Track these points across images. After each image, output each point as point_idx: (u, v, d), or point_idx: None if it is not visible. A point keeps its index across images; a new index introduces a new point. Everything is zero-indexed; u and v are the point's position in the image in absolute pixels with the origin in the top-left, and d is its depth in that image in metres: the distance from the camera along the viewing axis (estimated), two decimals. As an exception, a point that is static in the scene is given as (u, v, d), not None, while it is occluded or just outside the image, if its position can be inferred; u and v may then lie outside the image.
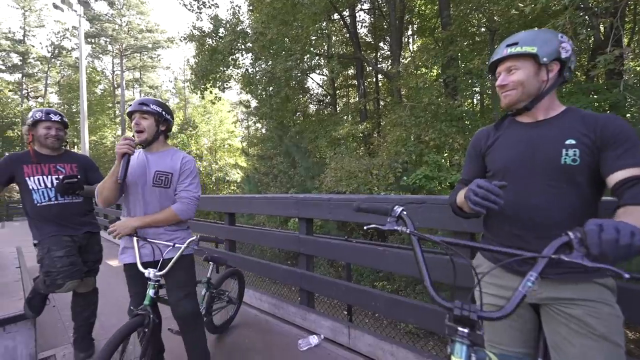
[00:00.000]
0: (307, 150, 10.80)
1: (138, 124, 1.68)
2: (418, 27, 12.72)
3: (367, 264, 2.94)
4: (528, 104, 1.04)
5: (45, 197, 2.04)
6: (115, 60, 26.89)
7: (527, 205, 1.01)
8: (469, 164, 1.24)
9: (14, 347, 1.98)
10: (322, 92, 15.09)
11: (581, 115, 1.00)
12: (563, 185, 0.95)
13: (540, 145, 1.00)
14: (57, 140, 2.10)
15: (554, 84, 1.02)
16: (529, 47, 0.99)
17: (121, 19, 25.54)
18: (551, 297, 0.98)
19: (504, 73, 1.06)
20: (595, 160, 0.94)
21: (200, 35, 11.32)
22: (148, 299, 1.62)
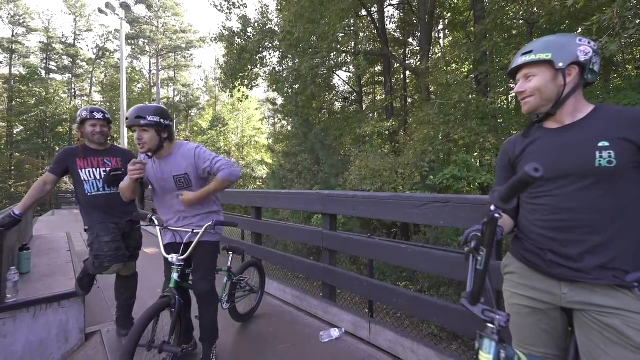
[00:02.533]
0: (332, 148, 10.85)
1: (140, 138, 1.77)
2: (449, 21, 12.30)
3: (390, 262, 2.94)
4: (550, 109, 1.03)
5: (95, 188, 2.25)
6: (152, 60, 28.39)
7: (563, 209, 0.98)
8: (501, 174, 1.23)
9: (67, 321, 2.22)
10: (348, 89, 15.04)
11: (613, 113, 0.96)
12: (600, 188, 0.92)
13: (572, 149, 0.97)
14: (102, 135, 2.31)
15: (575, 87, 1.01)
16: (543, 54, 1.00)
17: (158, 20, 26.92)
18: (584, 302, 0.95)
19: (522, 80, 1.07)
20: (638, 159, 0.90)
21: (230, 35, 11.68)
22: (172, 282, 1.77)
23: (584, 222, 0.95)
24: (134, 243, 2.44)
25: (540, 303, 1.05)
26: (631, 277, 0.89)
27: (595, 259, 0.93)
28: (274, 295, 3.25)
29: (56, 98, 23.99)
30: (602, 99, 5.75)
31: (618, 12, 3.83)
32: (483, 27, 7.36)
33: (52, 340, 2.15)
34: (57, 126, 24.03)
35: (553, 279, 1.00)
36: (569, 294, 0.98)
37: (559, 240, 0.99)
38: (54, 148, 23.48)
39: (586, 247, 0.94)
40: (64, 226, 8.30)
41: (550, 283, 1.01)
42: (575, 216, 0.96)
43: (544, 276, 1.03)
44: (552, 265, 1.00)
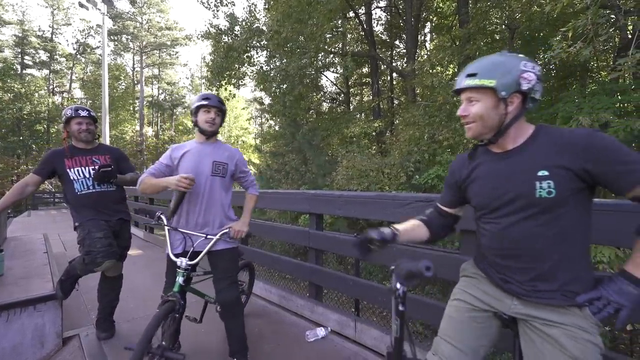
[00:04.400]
0: (320, 148, 10.87)
1: (214, 119, 1.86)
2: (435, 24, 12.54)
3: (375, 260, 2.97)
4: (492, 138, 1.01)
5: (85, 187, 2.23)
6: (135, 57, 27.69)
7: (507, 238, 1.00)
8: (446, 191, 1.24)
9: (43, 325, 2.13)
10: (336, 90, 15.11)
11: (552, 138, 0.94)
12: (542, 217, 0.93)
13: (514, 179, 0.97)
14: (88, 133, 2.28)
15: (516, 115, 0.97)
16: (487, 80, 0.95)
17: (142, 16, 26.27)
18: (528, 314, 0.98)
19: (465, 103, 1.02)
20: (578, 185, 0.90)
21: (217, 33, 11.54)
22: (177, 286, 1.70)
23: (529, 251, 0.96)
24: (124, 243, 2.39)
25: (486, 305, 1.07)
26: (582, 298, 0.91)
27: (545, 284, 0.95)
28: (260, 296, 3.23)
29: (35, 95, 23.07)
30: (579, 102, 5.99)
31: (592, 19, 4.01)
32: (467, 31, 7.54)
33: (26, 345, 2.07)
34: (35, 124, 23.11)
35: (506, 292, 1.03)
36: (518, 306, 1.00)
37: (508, 267, 1.01)
38: (31, 147, 22.56)
39: (534, 274, 0.96)
40: (41, 227, 7.98)
41: (503, 294, 1.04)
42: (519, 245, 0.97)
43: (496, 287, 1.06)
44: (504, 282, 1.02)
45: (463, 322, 1.09)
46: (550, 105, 8.11)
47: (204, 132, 1.88)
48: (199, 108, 1.85)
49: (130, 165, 2.48)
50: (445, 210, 1.24)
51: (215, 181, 1.87)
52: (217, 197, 1.89)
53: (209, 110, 1.85)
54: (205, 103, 1.84)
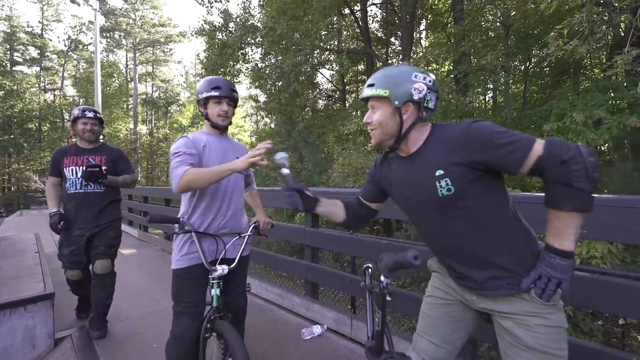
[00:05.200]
0: (316, 146, 10.84)
1: (226, 111, 1.61)
2: (430, 22, 12.53)
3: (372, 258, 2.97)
4: (393, 144, 1.05)
5: (74, 186, 2.32)
6: (128, 54, 27.34)
7: (433, 236, 1.04)
8: (367, 185, 1.27)
9: (34, 326, 2.09)
10: (332, 87, 15.06)
11: (443, 137, 0.98)
12: (454, 214, 0.95)
13: (417, 183, 1.01)
14: (92, 133, 2.39)
15: (413, 123, 1.01)
16: (382, 90, 1.00)
17: (135, 13, 25.92)
18: (489, 308, 1.00)
19: (370, 110, 1.06)
20: (474, 175, 0.92)
21: (211, 30, 11.42)
22: (216, 299, 1.50)
23: (457, 246, 0.98)
24: (106, 242, 2.39)
25: (455, 299, 1.10)
26: (525, 284, 0.92)
27: (484, 274, 0.96)
28: (256, 294, 3.21)
29: (26, 93, 22.67)
30: (572, 100, 6.03)
31: (587, 17, 4.02)
32: (462, 28, 7.54)
33: (17, 347, 2.03)
34: (27, 122, 22.75)
35: (463, 287, 1.05)
36: (476, 300, 1.03)
37: (447, 261, 1.05)
38: (22, 145, 22.22)
39: (471, 265, 0.98)
40: (33, 227, 7.87)
41: (462, 289, 1.06)
42: (446, 242, 1.00)
43: (456, 283, 1.08)
44: (459, 278, 1.04)
45: (438, 318, 1.11)
46: (545, 102, 8.16)
47: (217, 127, 1.64)
48: (208, 99, 1.59)
49: (127, 167, 2.53)
50: (364, 203, 1.29)
51: (239, 179, 1.70)
52: (241, 196, 1.76)
53: (221, 102, 1.59)
54: (216, 94, 1.56)
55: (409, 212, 1.11)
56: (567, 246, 0.86)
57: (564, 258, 0.86)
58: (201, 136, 1.61)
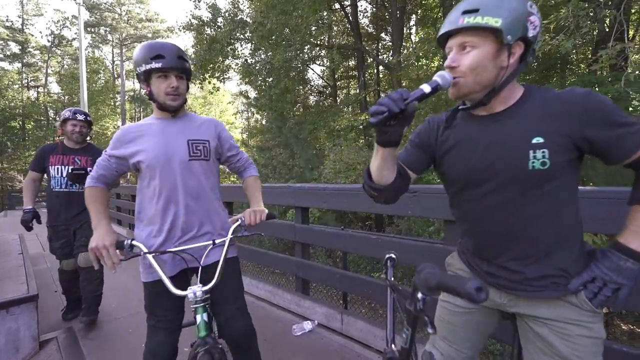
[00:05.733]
0: (307, 142, 10.81)
1: (176, 87, 1.25)
2: (420, 17, 12.55)
3: (362, 253, 2.98)
4: (484, 98, 0.82)
5: (59, 184, 2.44)
6: (115, 50, 26.71)
7: (493, 219, 0.86)
8: (409, 150, 1.00)
9: (17, 329, 2.04)
10: (323, 83, 15.00)
11: (549, 100, 0.79)
12: (532, 194, 0.80)
13: (503, 149, 0.81)
14: (80, 135, 2.50)
15: (515, 71, 0.81)
16: (492, 17, 0.74)
17: (120, 7, 25.28)
18: (523, 313, 0.89)
19: (455, 50, 0.81)
20: (573, 155, 0.78)
21: (199, 25, 11.22)
22: (203, 327, 1.15)
23: (514, 234, 0.83)
24: (87, 235, 2.45)
25: (478, 307, 0.97)
26: (574, 285, 0.81)
27: (532, 270, 0.83)
28: (248, 292, 3.19)
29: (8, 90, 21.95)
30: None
31: (573, 12, 4.08)
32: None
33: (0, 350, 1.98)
34: (10, 121, 22.06)
35: (493, 287, 0.91)
36: (508, 304, 0.90)
37: (490, 251, 0.89)
38: (6, 144, 21.57)
39: (519, 258, 0.84)
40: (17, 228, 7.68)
41: (491, 290, 0.92)
42: (503, 227, 0.85)
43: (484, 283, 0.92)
44: (490, 276, 0.90)
45: (456, 325, 1.00)
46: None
47: (166, 108, 1.28)
48: (149, 74, 1.22)
49: None
50: (407, 172, 0.98)
51: (195, 167, 1.30)
52: (205, 187, 1.33)
53: (167, 75, 1.23)
54: (158, 66, 1.19)
55: (467, 183, 0.89)
56: None
57: (637, 262, 0.76)
58: (142, 124, 1.31)
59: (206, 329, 1.16)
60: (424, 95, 0.76)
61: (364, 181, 0.96)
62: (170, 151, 1.28)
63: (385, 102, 0.72)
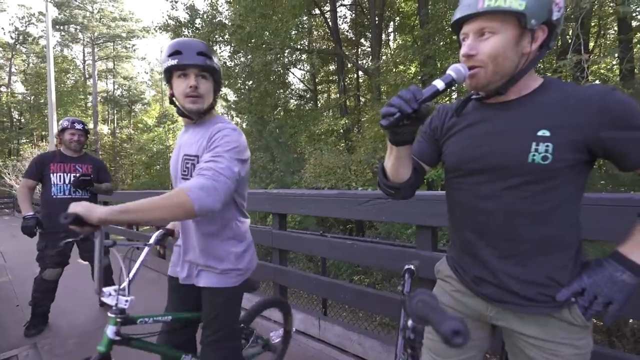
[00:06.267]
0: (287, 146, 10.79)
1: (196, 87, 1.10)
2: (398, 24, 12.89)
3: (340, 258, 3.00)
4: (501, 87, 0.76)
5: (61, 191, 2.50)
6: (86, 49, 25.61)
7: (482, 210, 0.81)
8: (420, 141, 0.97)
9: (-29, 349, 1.91)
10: (303, 87, 15.05)
11: (563, 94, 0.73)
12: (529, 188, 0.74)
13: (506, 138, 0.76)
14: (78, 144, 2.61)
15: (536, 58, 0.75)
16: (517, 0, 0.68)
17: (92, 5, 24.31)
18: (510, 328, 0.83)
19: (473, 36, 0.74)
20: (581, 156, 0.72)
21: (176, 26, 10.99)
22: (104, 342, 1.02)
23: (506, 228, 0.78)
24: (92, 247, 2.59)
25: (466, 316, 0.91)
26: (562, 295, 0.74)
27: (518, 274, 0.78)
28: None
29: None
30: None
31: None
32: (426, 32, 7.83)
33: (-49, 373, 1.84)
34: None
35: (480, 298, 0.86)
36: (495, 316, 0.85)
37: (479, 245, 0.83)
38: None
39: (505, 257, 0.79)
40: (-24, 238, 7.15)
41: (477, 301, 0.87)
42: (493, 220, 0.79)
43: (471, 293, 0.88)
44: (478, 282, 0.85)
45: None
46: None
47: (185, 113, 1.15)
48: (169, 73, 1.11)
49: (108, 175, 2.80)
50: (421, 165, 0.95)
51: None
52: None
53: (186, 73, 1.10)
54: (174, 63, 1.07)
55: (461, 171, 0.85)
56: None
57: (634, 275, 0.70)
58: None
59: (105, 345, 1.01)
60: (437, 93, 0.72)
61: (379, 180, 0.93)
62: (174, 168, 1.23)
63: (396, 103, 0.69)
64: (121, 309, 1.05)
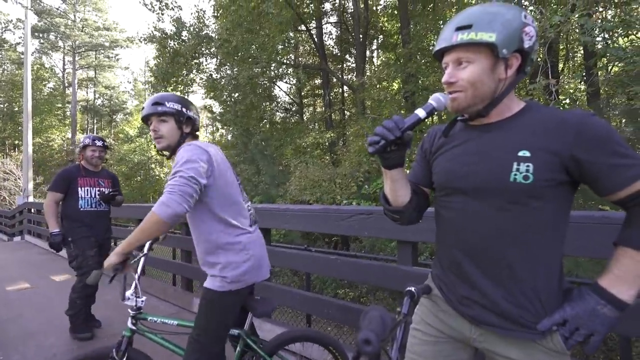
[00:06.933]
0: (273, 158, 10.79)
1: (156, 130, 1.38)
2: (381, 42, 13.34)
3: (323, 273, 3.01)
4: (482, 110, 0.82)
5: (88, 204, 2.71)
6: (67, 57, 25.02)
7: (466, 228, 0.84)
8: (416, 165, 1.03)
9: None
10: (289, 100, 15.21)
11: (543, 117, 0.78)
12: (510, 208, 0.77)
13: (489, 157, 0.80)
14: (99, 159, 2.82)
15: (513, 82, 0.80)
16: (486, 33, 0.74)
17: (75, 14, 23.92)
18: (493, 350, 0.84)
19: (452, 65, 0.81)
20: (561, 177, 0.75)
21: (162, 37, 10.97)
22: (127, 329, 1.42)
23: (489, 248, 0.80)
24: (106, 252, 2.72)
25: (447, 336, 0.92)
26: (545, 325, 0.76)
27: (501, 294, 0.79)
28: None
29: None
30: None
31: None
32: (408, 51, 8.15)
33: None
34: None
35: (464, 318, 0.87)
36: (478, 338, 0.85)
37: (462, 265, 0.85)
38: None
39: (489, 277, 0.80)
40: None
41: (461, 322, 0.88)
42: (478, 239, 0.81)
43: (456, 313, 0.89)
44: (465, 303, 0.85)
45: (426, 357, 0.93)
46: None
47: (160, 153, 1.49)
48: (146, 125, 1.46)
49: (120, 189, 2.99)
50: (421, 188, 1.00)
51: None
52: (189, 217, 1.39)
53: (150, 122, 1.42)
54: (141, 117, 1.44)
55: (449, 189, 0.88)
56: (628, 296, 0.71)
57: (615, 309, 0.71)
58: None
59: (129, 331, 1.42)
60: (419, 121, 0.80)
61: (383, 207, 0.99)
62: None
63: (380, 132, 0.78)
64: (139, 307, 1.43)
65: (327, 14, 12.87)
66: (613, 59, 4.63)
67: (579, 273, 3.43)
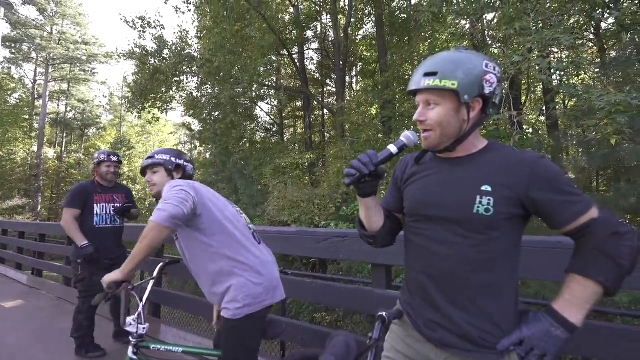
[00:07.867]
0: (251, 178, 10.70)
1: (149, 180, 1.58)
2: (360, 69, 13.95)
3: (300, 297, 2.96)
4: (449, 146, 0.90)
5: (103, 221, 2.68)
6: (39, 69, 24.13)
7: (433, 254, 0.89)
8: (389, 192, 1.10)
9: None
10: (270, 120, 15.35)
11: (502, 156, 0.87)
12: (473, 237, 0.84)
13: (456, 189, 0.88)
14: (114, 175, 2.81)
15: (476, 122, 0.89)
16: (449, 80, 0.83)
17: (52, 27, 23.37)
18: None
19: (422, 105, 0.90)
20: (517, 211, 0.83)
21: (142, 54, 10.90)
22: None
23: (455, 273, 0.86)
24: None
25: None
26: (503, 345, 0.81)
27: (463, 318, 0.85)
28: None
29: None
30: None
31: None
32: (385, 79, 8.57)
33: None
34: None
35: (430, 342, 0.91)
36: (443, 356, 0.89)
37: (428, 288, 0.90)
38: None
39: (453, 302, 0.86)
40: None
41: (428, 347, 0.91)
42: (443, 265, 0.87)
43: (422, 338, 0.93)
44: (431, 327, 0.90)
45: None
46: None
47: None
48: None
49: (134, 203, 2.95)
50: (393, 214, 1.07)
51: (180, 244, 1.48)
52: (189, 256, 1.45)
53: (146, 174, 1.61)
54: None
55: (417, 216, 0.95)
56: (577, 320, 0.77)
57: (566, 332, 0.77)
58: None
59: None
60: (391, 156, 0.89)
61: (359, 232, 1.08)
62: None
63: (355, 166, 0.87)
64: (140, 334, 1.37)
65: (309, 40, 13.39)
66: (567, 95, 5.10)
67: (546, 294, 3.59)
